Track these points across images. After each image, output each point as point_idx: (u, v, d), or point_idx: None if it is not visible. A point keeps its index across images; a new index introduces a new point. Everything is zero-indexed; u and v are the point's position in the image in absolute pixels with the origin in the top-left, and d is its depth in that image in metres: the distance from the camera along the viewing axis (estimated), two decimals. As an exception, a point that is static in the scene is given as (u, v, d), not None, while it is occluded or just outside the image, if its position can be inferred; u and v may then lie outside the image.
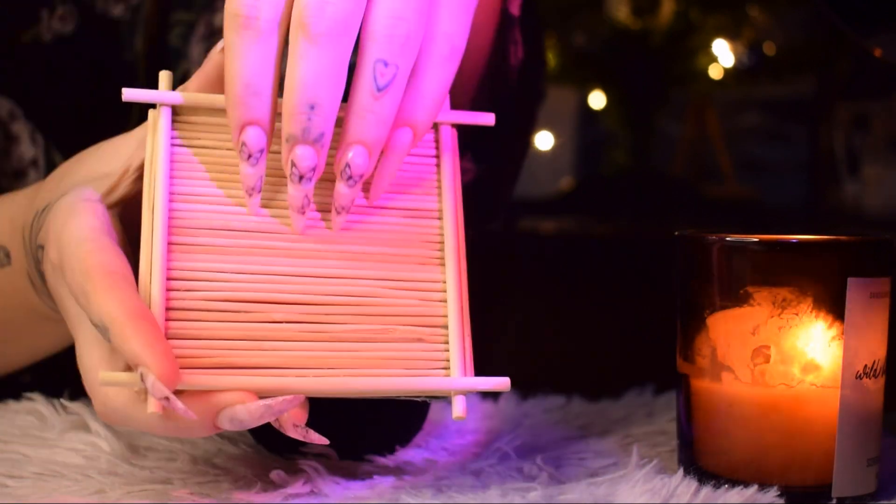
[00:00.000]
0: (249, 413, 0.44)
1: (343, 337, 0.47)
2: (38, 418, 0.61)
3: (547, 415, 0.68)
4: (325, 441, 0.46)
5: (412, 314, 0.48)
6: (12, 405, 0.63)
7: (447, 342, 0.48)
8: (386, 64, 0.46)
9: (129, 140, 0.51)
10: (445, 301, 0.49)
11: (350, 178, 0.47)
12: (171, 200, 0.47)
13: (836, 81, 1.85)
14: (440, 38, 0.47)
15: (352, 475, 0.53)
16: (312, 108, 0.45)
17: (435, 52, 0.47)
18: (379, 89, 0.46)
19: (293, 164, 0.46)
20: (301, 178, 0.46)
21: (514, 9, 0.65)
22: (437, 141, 0.51)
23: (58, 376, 0.68)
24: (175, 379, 0.43)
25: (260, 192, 0.47)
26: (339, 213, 0.48)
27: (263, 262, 0.47)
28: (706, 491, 0.50)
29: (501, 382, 0.47)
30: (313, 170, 0.46)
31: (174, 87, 0.50)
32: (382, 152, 0.48)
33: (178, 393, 0.44)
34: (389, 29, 0.46)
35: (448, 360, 0.48)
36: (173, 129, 0.49)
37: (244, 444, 0.58)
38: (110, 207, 0.50)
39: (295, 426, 0.46)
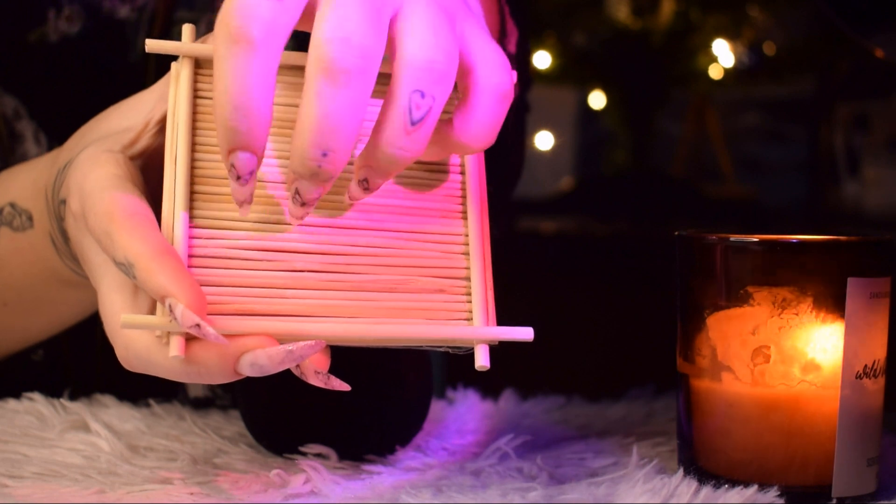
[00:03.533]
0: (270, 358, 0.43)
1: (364, 286, 0.47)
2: (38, 418, 0.61)
3: (547, 415, 0.68)
4: (346, 387, 0.46)
5: (434, 265, 0.48)
6: (12, 405, 0.62)
7: (469, 294, 0.48)
8: (423, 95, 0.43)
9: (149, 94, 0.51)
10: (468, 254, 0.48)
11: (367, 189, 0.45)
12: (193, 150, 0.47)
13: (836, 81, 1.86)
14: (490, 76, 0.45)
15: (352, 475, 0.53)
16: (325, 154, 0.42)
17: (487, 87, 0.45)
18: (413, 122, 0.43)
19: (297, 192, 0.44)
20: (304, 203, 0.44)
21: (511, 47, 0.65)
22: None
23: (59, 376, 0.69)
24: (203, 307, 0.42)
25: (251, 202, 0.46)
26: (349, 199, 0.46)
27: (286, 212, 0.47)
28: (706, 491, 0.50)
29: (524, 332, 0.47)
30: (317, 198, 0.44)
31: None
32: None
33: (199, 342, 0.44)
34: (428, 56, 0.43)
35: (470, 312, 0.47)
36: (195, 81, 0.48)
37: (244, 444, 0.58)
38: (132, 160, 0.49)
39: (316, 373, 0.45)
